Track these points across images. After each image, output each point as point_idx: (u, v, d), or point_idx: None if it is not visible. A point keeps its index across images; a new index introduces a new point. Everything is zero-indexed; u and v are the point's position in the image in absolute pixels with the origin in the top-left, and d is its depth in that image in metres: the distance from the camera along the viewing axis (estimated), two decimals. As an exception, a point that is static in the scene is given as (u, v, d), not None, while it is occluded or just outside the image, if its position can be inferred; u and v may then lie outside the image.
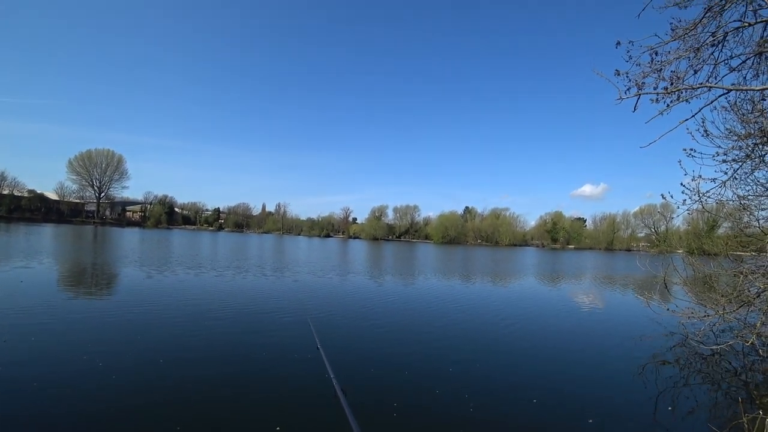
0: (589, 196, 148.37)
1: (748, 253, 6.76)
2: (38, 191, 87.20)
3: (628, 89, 4.77)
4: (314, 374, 5.55)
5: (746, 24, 4.71)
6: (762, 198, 5.78)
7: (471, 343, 7.97)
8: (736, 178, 5.63)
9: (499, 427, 4.54)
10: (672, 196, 5.79)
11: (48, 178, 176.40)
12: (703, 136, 5.31)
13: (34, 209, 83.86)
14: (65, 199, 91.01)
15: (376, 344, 7.48)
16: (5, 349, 5.99)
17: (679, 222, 79.58)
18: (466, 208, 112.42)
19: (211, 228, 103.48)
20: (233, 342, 7.06)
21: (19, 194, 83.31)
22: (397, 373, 5.98)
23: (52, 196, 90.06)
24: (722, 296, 6.34)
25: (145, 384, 5.06)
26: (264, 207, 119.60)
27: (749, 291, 6.11)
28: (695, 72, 4.92)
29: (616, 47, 4.85)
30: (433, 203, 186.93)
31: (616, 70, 4.79)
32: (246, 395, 4.90)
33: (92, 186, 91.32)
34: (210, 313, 9.13)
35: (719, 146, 5.45)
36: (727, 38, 4.89)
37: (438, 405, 4.94)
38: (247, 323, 8.42)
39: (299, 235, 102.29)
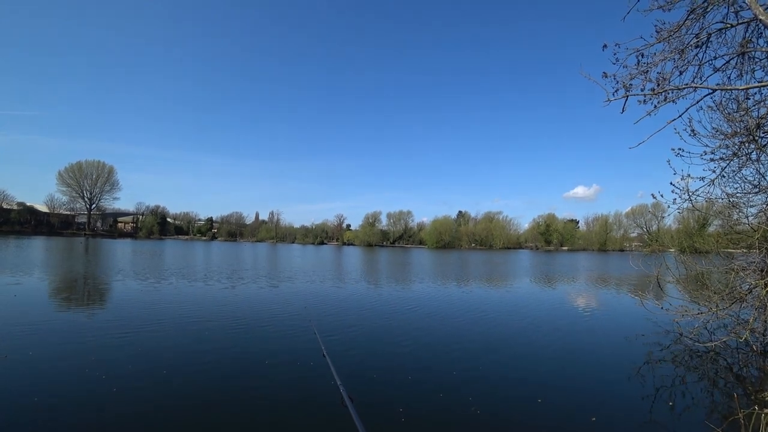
0: (582, 198, 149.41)
1: (739, 250, 6.85)
2: (28, 204, 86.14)
3: (616, 91, 4.85)
4: (321, 381, 5.52)
5: (729, 25, 4.81)
6: (750, 195, 5.87)
7: (472, 345, 7.97)
8: (724, 176, 5.73)
9: (508, 427, 4.56)
10: (662, 196, 5.87)
11: (37, 190, 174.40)
12: (690, 135, 5.40)
13: (23, 222, 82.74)
14: (55, 212, 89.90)
15: (380, 350, 7.45)
16: (6, 365, 5.91)
17: (670, 221, 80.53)
18: (460, 212, 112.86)
19: (204, 238, 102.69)
20: (237, 351, 6.99)
21: (8, 207, 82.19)
22: (403, 377, 5.97)
23: (42, 208, 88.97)
24: (715, 293, 6.40)
25: (149, 394, 5.01)
26: (257, 215, 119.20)
27: (741, 287, 6.18)
28: (681, 73, 5.03)
29: (603, 50, 4.94)
30: (427, 208, 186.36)
31: (604, 72, 4.88)
32: (253, 404, 4.86)
33: (83, 197, 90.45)
34: (212, 323, 9.04)
35: (707, 145, 5.54)
36: (710, 39, 4.99)
37: (444, 409, 4.94)
38: (251, 333, 8.33)
39: (293, 243, 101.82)
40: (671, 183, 5.72)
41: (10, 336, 7.45)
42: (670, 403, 5.26)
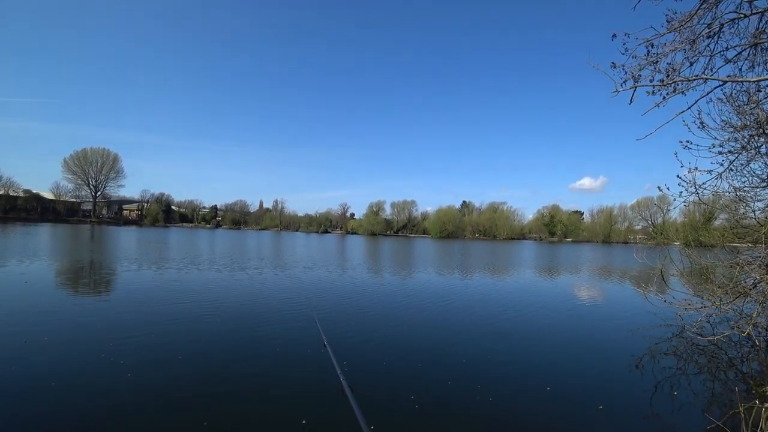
0: (589, 189, 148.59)
1: (745, 245, 6.79)
2: (34, 191, 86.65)
3: (624, 82, 4.76)
4: (321, 371, 5.56)
5: (742, 15, 4.69)
6: (758, 189, 5.80)
7: (478, 336, 8.03)
8: (732, 170, 5.65)
9: (520, 413, 4.67)
10: (669, 189, 5.81)
11: (43, 177, 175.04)
12: (699, 128, 5.32)
13: (30, 209, 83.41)
14: (61, 199, 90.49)
15: (383, 340, 7.49)
16: (24, 350, 6.03)
17: (675, 214, 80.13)
18: (464, 202, 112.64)
19: (208, 226, 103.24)
20: (240, 340, 7.05)
21: (15, 194, 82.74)
22: (411, 366, 6.02)
23: (48, 195, 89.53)
24: (719, 287, 6.37)
25: (157, 382, 5.09)
26: (261, 204, 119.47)
27: (745, 282, 6.15)
28: (691, 64, 4.92)
29: (612, 39, 4.84)
30: (431, 198, 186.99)
31: (613, 62, 4.79)
32: (253, 393, 4.92)
33: (88, 185, 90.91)
34: (215, 311, 9.12)
35: (715, 138, 5.46)
36: (722, 30, 4.88)
37: (454, 396, 5.03)
38: (253, 321, 8.40)
39: (297, 231, 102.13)
40: (678, 176, 5.65)
41: (24, 322, 7.57)
42: (672, 395, 5.29)
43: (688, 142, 5.31)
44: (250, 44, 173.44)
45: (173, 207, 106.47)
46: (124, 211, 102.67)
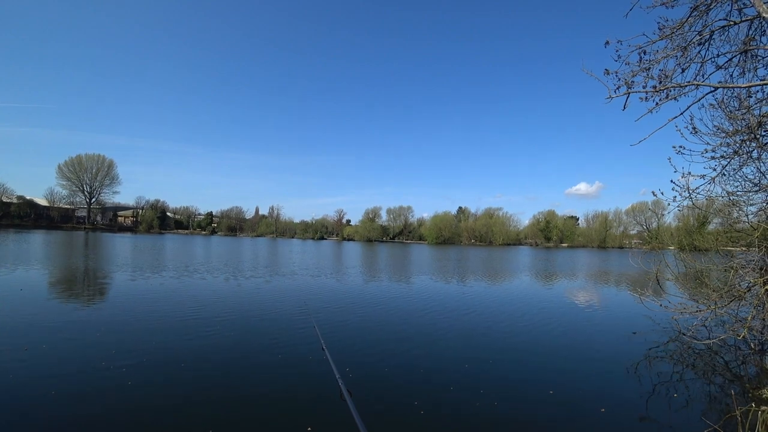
0: (585, 194, 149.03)
1: (738, 248, 6.85)
2: (27, 197, 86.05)
3: (617, 88, 4.83)
4: (320, 375, 5.57)
5: (732, 22, 4.79)
6: (750, 193, 5.86)
7: (479, 340, 8.05)
8: (725, 174, 5.71)
9: (527, 417, 4.70)
10: (663, 193, 5.86)
11: (37, 183, 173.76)
12: (692, 133, 5.38)
13: (23, 215, 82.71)
14: (55, 205, 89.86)
15: (383, 345, 7.48)
16: (23, 358, 5.98)
17: (670, 219, 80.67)
18: (460, 208, 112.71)
19: (204, 232, 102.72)
20: (241, 346, 7.02)
21: (8, 200, 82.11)
22: (408, 372, 6.02)
23: (42, 202, 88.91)
24: (714, 291, 6.41)
25: (151, 389, 5.06)
26: (257, 210, 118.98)
27: (740, 285, 6.18)
28: (683, 70, 5.01)
29: (605, 47, 4.92)
30: (427, 204, 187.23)
31: (606, 69, 4.86)
32: (255, 399, 4.90)
33: (83, 191, 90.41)
34: (216, 317, 9.08)
35: (708, 143, 5.52)
36: (713, 37, 4.98)
37: (458, 401, 5.04)
38: (253, 328, 8.37)
39: (293, 237, 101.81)
40: (672, 180, 5.71)
41: (22, 330, 7.51)
42: (670, 399, 5.31)
43: (681, 147, 5.37)
44: (246, 51, 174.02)
45: (168, 213, 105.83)
46: (119, 218, 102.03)
